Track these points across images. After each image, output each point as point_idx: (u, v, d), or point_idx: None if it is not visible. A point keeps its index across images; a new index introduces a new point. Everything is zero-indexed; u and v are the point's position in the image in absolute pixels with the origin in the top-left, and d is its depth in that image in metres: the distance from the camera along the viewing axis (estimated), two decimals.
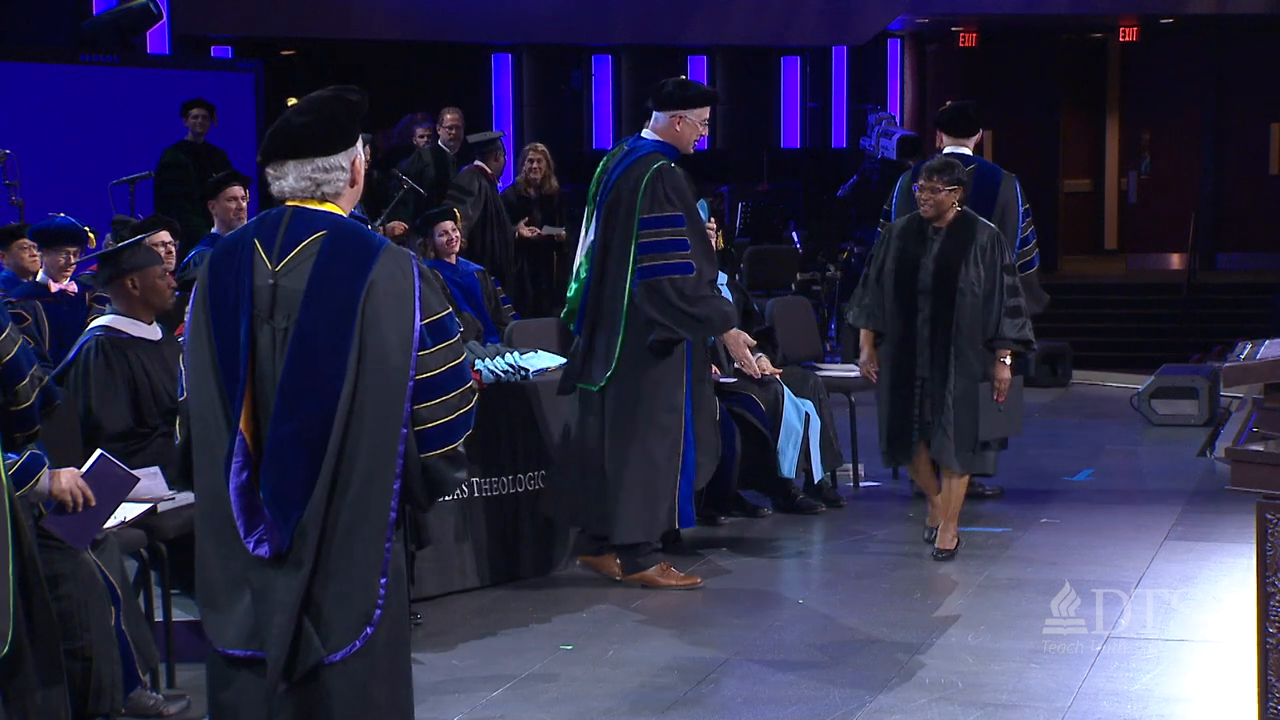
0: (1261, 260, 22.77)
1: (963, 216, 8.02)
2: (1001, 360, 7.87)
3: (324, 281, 4.18)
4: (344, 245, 4.22)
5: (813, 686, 6.24)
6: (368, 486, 4.18)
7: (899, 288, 8.03)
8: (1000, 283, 7.87)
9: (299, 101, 4.35)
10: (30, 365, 4.94)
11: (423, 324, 4.21)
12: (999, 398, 7.88)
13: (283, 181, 4.28)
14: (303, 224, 4.25)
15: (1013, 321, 7.87)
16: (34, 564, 4.76)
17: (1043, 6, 22.13)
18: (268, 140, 4.28)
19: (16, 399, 4.88)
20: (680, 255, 7.50)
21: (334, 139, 4.27)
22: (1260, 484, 4.75)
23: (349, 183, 4.31)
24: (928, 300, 7.96)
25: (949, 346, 7.90)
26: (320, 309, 4.18)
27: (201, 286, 4.30)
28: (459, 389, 4.26)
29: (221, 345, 4.22)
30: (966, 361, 7.89)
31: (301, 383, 4.16)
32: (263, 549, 4.17)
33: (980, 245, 7.91)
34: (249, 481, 4.17)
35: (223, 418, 4.20)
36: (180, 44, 17.90)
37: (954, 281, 7.88)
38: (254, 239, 4.26)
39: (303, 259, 4.21)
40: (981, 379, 7.88)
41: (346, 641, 4.19)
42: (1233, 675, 6.11)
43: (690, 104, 7.62)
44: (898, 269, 8.04)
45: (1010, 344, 7.88)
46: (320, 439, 4.14)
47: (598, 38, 21.86)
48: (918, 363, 7.97)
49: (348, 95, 4.32)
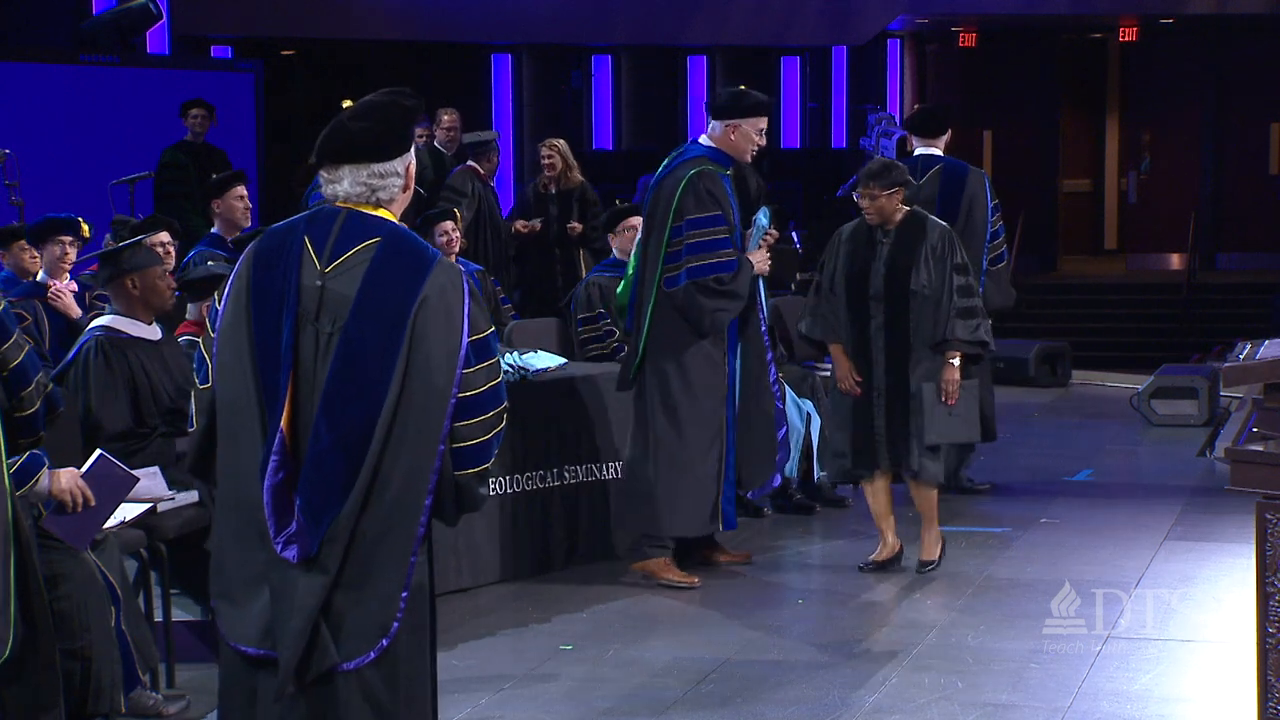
0: (1261, 260, 22.77)
1: (911, 217, 7.74)
2: (950, 362, 7.58)
3: (376, 290, 4.16)
4: (398, 255, 4.19)
5: (813, 686, 6.25)
6: (401, 500, 4.16)
7: (850, 294, 7.74)
8: (950, 283, 7.60)
9: (355, 105, 4.32)
10: (36, 372, 4.92)
11: (469, 341, 4.19)
12: (949, 400, 7.56)
13: (337, 185, 4.25)
14: (357, 228, 4.22)
15: (965, 323, 7.59)
16: (33, 565, 4.76)
17: (1043, 6, 22.13)
18: (323, 143, 4.25)
19: (21, 405, 4.86)
20: (726, 254, 7.62)
21: (390, 145, 4.26)
22: (1260, 484, 4.75)
23: (402, 188, 4.30)
24: (880, 306, 7.68)
25: (906, 352, 7.64)
26: (370, 318, 4.15)
27: (244, 276, 4.24)
28: (497, 408, 4.26)
29: (261, 341, 4.18)
30: (925, 367, 7.63)
31: (346, 391, 4.13)
32: (290, 552, 4.15)
33: (931, 245, 7.63)
34: (285, 483, 4.16)
35: (257, 414, 4.17)
36: (180, 44, 17.89)
37: (906, 285, 7.62)
38: (304, 237, 4.24)
39: (354, 264, 4.18)
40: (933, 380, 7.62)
41: (361, 651, 4.18)
42: (1233, 675, 6.11)
43: (745, 113, 7.71)
44: (848, 275, 7.76)
45: (961, 346, 7.61)
46: (359, 448, 4.12)
47: (598, 38, 21.85)
48: (874, 372, 7.69)
49: (403, 100, 4.30)
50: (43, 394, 4.92)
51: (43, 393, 4.92)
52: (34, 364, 4.94)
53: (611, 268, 9.38)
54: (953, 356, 7.60)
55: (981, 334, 7.65)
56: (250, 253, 4.28)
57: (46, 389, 4.98)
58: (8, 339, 4.80)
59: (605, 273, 9.36)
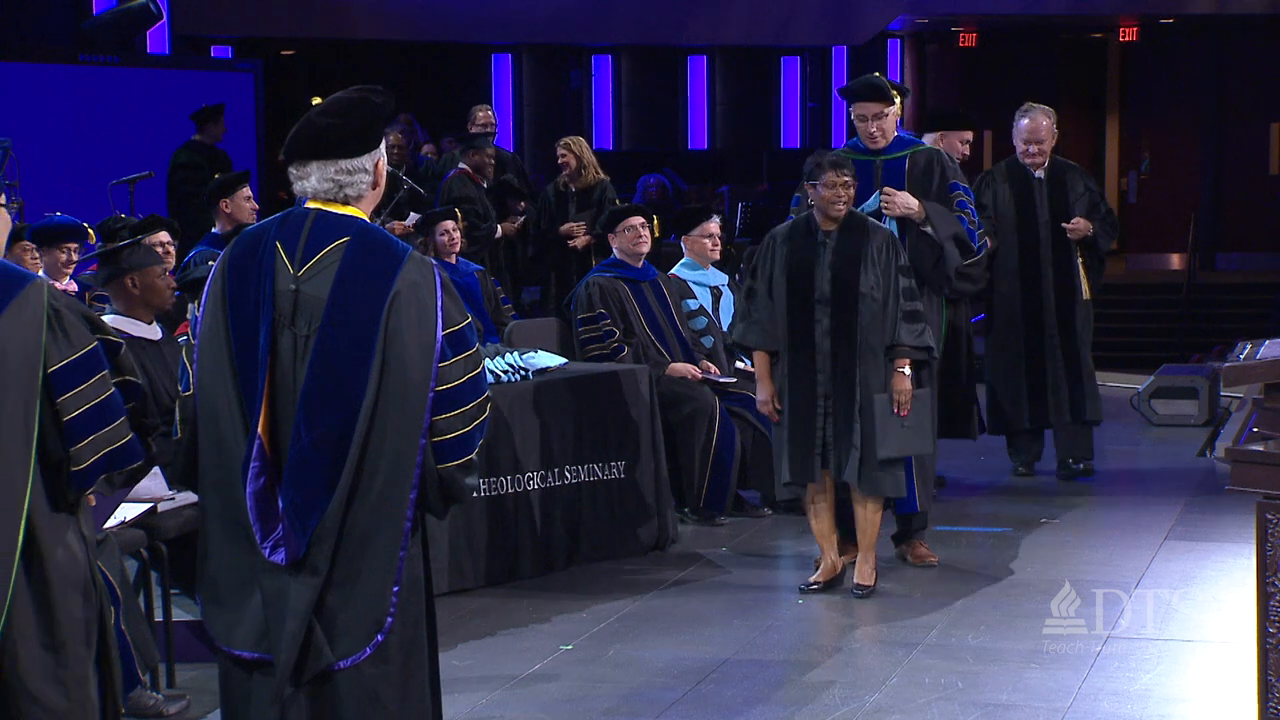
0: (1261, 260, 22.76)
1: (852, 217, 7.37)
2: (900, 370, 7.24)
3: (347, 290, 4.17)
4: (367, 253, 4.20)
5: (813, 686, 6.25)
6: (385, 496, 4.17)
7: (792, 298, 7.32)
8: (895, 285, 7.25)
9: (324, 101, 4.33)
10: (102, 427, 4.35)
11: (444, 335, 4.20)
12: (901, 411, 7.21)
13: (305, 182, 4.26)
14: (326, 229, 4.23)
15: (910, 327, 7.24)
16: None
17: (1043, 6, 22.13)
18: (291, 140, 4.26)
19: (70, 460, 4.30)
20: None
21: (358, 141, 4.26)
22: (1260, 484, 4.75)
23: (371, 185, 4.30)
24: (826, 310, 7.26)
25: (853, 358, 7.24)
26: (343, 318, 4.16)
27: (219, 284, 4.26)
28: (476, 399, 4.26)
29: (240, 347, 4.20)
30: (874, 376, 7.26)
31: (323, 391, 4.15)
32: (278, 555, 4.16)
33: (876, 246, 7.28)
34: (267, 487, 4.16)
35: (239, 420, 4.19)
36: (180, 44, 17.90)
37: (855, 287, 7.24)
38: (275, 241, 4.24)
39: (325, 265, 4.19)
40: (884, 390, 7.26)
41: (356, 648, 4.19)
42: (1233, 675, 6.11)
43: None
44: (789, 278, 7.33)
45: (909, 351, 7.26)
46: (340, 448, 4.13)
47: (598, 38, 21.86)
48: (819, 379, 7.28)
49: (372, 96, 4.30)
50: (100, 452, 4.33)
51: (100, 451, 4.33)
52: (96, 420, 4.32)
53: (611, 268, 9.37)
54: (902, 365, 7.26)
55: (926, 339, 7.31)
56: (224, 259, 4.30)
57: (114, 446, 4.39)
58: (71, 389, 4.25)
59: (605, 273, 9.36)
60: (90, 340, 4.21)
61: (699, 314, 9.44)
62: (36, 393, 4.13)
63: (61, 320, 4.15)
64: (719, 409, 8.91)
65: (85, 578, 4.29)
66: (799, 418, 7.33)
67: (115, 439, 4.34)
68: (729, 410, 8.93)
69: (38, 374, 4.13)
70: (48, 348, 4.12)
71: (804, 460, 7.34)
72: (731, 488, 8.92)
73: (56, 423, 4.15)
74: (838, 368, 7.27)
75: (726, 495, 8.92)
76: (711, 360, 9.26)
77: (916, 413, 7.29)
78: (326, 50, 20.85)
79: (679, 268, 9.62)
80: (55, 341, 4.14)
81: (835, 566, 7.53)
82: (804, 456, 7.33)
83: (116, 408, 4.27)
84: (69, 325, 4.16)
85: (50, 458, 4.16)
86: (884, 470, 7.26)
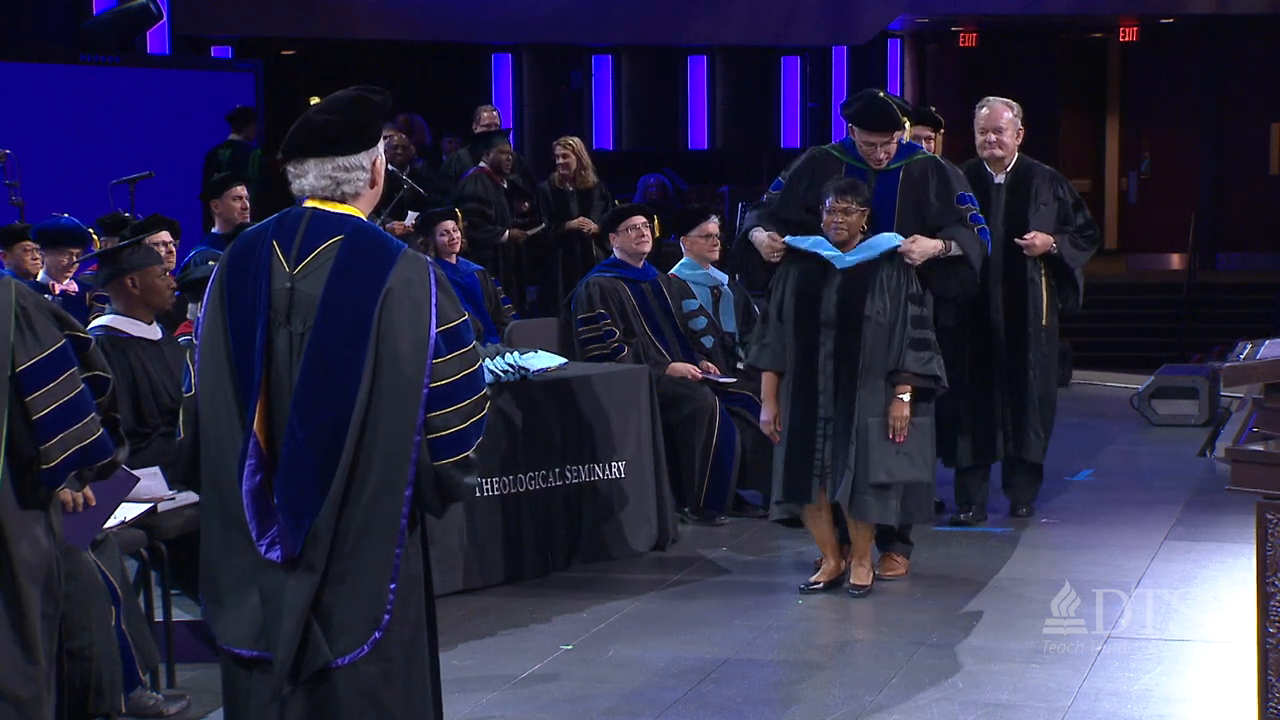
0: (1261, 260, 22.76)
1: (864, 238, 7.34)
2: (899, 396, 7.17)
3: (340, 288, 4.17)
4: (361, 251, 4.21)
5: (813, 686, 6.25)
6: (380, 493, 4.17)
7: (800, 321, 7.29)
8: (905, 311, 7.21)
9: (322, 100, 4.34)
10: (70, 426, 4.49)
11: (438, 331, 4.20)
12: (897, 437, 7.16)
13: (303, 179, 4.27)
14: (321, 227, 4.23)
15: (917, 354, 7.17)
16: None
17: (1043, 6, 22.13)
18: (289, 138, 4.27)
19: (40, 459, 4.44)
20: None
21: (355, 138, 4.27)
22: (1260, 484, 4.75)
23: (369, 183, 4.30)
24: (830, 333, 7.24)
25: (854, 382, 7.19)
26: (336, 316, 4.17)
27: (219, 283, 4.28)
28: (473, 397, 4.25)
29: (237, 346, 4.21)
30: (874, 400, 7.20)
31: (317, 389, 4.15)
32: (274, 553, 4.16)
33: (886, 272, 7.25)
34: (262, 485, 4.16)
35: (236, 418, 4.19)
36: (180, 44, 17.92)
37: (859, 311, 7.20)
38: (272, 240, 4.25)
39: (320, 263, 4.20)
40: (882, 415, 7.19)
41: (354, 646, 4.19)
42: (1233, 675, 6.11)
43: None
44: (798, 301, 7.31)
45: (912, 379, 7.18)
46: (334, 446, 4.14)
47: (598, 38, 21.86)
48: (820, 400, 7.24)
49: (370, 95, 4.31)
50: (70, 449, 4.44)
51: (70, 448, 4.44)
52: (66, 418, 4.41)
53: (612, 267, 9.38)
54: (902, 391, 7.18)
55: (934, 367, 7.22)
56: (224, 259, 4.32)
57: (84, 443, 4.50)
58: (39, 388, 4.32)
59: (606, 273, 9.36)
60: (59, 338, 4.20)
61: (699, 314, 9.44)
62: (4, 392, 4.12)
63: (29, 319, 4.14)
64: (719, 409, 8.91)
65: (50, 573, 4.28)
66: (798, 439, 7.32)
67: (85, 436, 4.36)
68: (729, 410, 8.92)
69: (5, 373, 4.12)
70: (15, 347, 4.11)
71: (801, 481, 7.32)
72: (731, 488, 8.92)
73: (26, 421, 4.13)
74: (839, 390, 7.25)
75: (726, 495, 8.92)
76: (711, 360, 9.26)
77: (914, 440, 7.24)
78: (326, 50, 20.85)
79: (679, 268, 9.61)
80: (23, 340, 4.13)
81: (837, 568, 7.54)
82: (802, 477, 7.32)
83: (86, 404, 4.27)
84: (37, 324, 4.14)
85: (20, 456, 4.15)
86: (874, 495, 7.22)
